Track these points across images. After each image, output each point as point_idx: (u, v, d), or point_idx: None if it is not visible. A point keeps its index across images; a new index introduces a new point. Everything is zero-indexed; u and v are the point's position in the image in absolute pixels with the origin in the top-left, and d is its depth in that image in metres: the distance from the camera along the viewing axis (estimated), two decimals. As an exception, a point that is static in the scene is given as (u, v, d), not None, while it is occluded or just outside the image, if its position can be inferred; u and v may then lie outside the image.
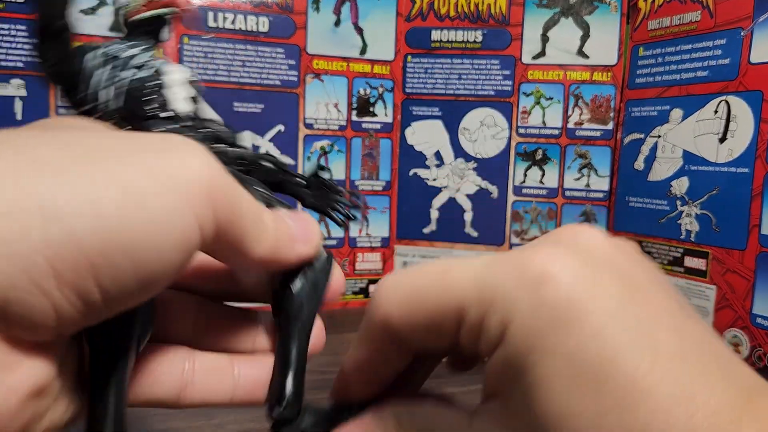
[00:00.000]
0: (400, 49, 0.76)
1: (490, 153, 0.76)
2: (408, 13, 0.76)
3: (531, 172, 0.75)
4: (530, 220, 0.76)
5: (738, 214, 0.59)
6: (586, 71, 0.73)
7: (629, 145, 0.71)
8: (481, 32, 0.75)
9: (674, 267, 0.65)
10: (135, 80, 0.25)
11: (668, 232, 0.66)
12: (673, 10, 0.66)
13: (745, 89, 0.59)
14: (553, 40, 0.73)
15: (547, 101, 0.74)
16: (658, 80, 0.68)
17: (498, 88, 0.75)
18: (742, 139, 0.59)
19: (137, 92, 0.25)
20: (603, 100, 0.73)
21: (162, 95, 0.25)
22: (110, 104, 0.24)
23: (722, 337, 0.60)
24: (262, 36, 0.71)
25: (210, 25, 0.69)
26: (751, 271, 0.58)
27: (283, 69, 0.72)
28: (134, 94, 0.24)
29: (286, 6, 0.72)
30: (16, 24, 0.62)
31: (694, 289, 0.63)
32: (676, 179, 0.65)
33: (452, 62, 0.76)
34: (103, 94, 0.24)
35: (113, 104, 0.24)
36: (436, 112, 0.77)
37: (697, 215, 0.63)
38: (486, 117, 0.76)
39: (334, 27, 0.74)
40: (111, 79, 0.24)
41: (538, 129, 0.75)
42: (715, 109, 0.61)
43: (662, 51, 0.67)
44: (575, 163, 0.74)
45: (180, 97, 0.26)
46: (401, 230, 0.78)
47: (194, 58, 0.69)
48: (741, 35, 0.59)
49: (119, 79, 0.24)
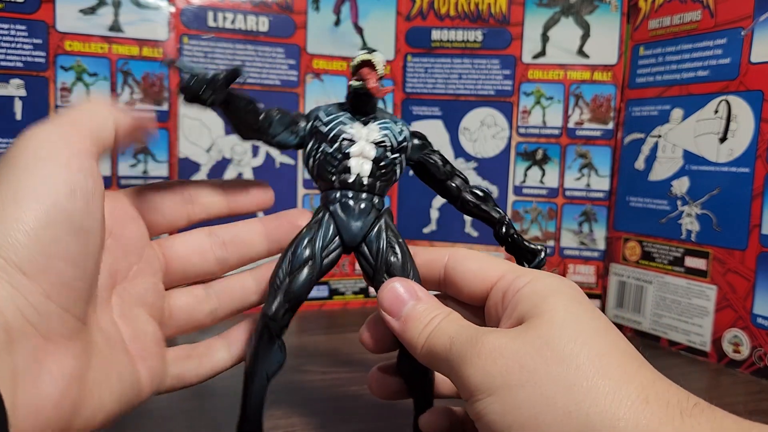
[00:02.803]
0: (400, 49, 0.76)
1: (491, 153, 0.76)
2: (408, 13, 0.76)
3: (531, 171, 0.75)
4: (530, 220, 0.76)
5: (739, 214, 0.59)
6: (586, 71, 0.73)
7: (630, 144, 0.71)
8: (482, 32, 0.75)
9: (675, 267, 0.65)
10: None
11: (669, 232, 0.66)
12: (674, 9, 0.66)
13: (745, 89, 0.59)
14: (553, 40, 0.73)
15: (548, 101, 0.74)
16: (659, 80, 0.68)
17: (498, 88, 0.75)
18: (743, 138, 0.59)
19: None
20: (603, 100, 0.73)
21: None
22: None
23: (723, 337, 0.60)
24: (262, 36, 0.71)
25: (210, 24, 0.69)
26: (751, 271, 0.58)
27: (283, 69, 0.72)
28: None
29: (286, 6, 0.71)
30: (16, 24, 0.62)
31: (695, 289, 0.63)
32: (677, 179, 0.65)
33: (452, 62, 0.76)
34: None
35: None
36: (436, 111, 0.77)
37: (698, 215, 0.63)
38: (486, 117, 0.76)
39: (334, 26, 0.74)
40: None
41: (539, 129, 0.75)
42: (716, 109, 0.61)
43: (663, 50, 0.67)
44: (576, 162, 0.74)
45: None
46: (401, 230, 0.78)
47: (194, 58, 0.69)
48: (741, 35, 0.59)
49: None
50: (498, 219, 0.34)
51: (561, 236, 0.75)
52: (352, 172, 0.31)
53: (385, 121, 0.32)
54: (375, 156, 0.32)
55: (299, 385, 0.50)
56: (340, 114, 0.32)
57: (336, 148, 0.31)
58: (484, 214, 0.34)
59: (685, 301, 0.64)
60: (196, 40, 0.69)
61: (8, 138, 0.63)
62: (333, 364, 0.55)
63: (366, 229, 0.32)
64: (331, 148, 0.31)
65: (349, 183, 0.31)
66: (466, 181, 0.35)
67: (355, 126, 0.32)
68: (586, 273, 0.74)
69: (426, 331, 0.28)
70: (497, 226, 0.34)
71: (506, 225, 0.34)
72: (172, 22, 0.68)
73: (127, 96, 0.67)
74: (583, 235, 0.75)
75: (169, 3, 0.67)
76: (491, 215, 0.34)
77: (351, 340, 0.58)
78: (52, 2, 0.63)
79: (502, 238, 0.34)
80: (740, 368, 0.59)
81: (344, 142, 0.31)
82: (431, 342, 0.27)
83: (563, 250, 0.75)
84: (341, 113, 0.32)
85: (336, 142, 0.31)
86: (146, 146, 0.68)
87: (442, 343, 0.27)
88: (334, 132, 0.31)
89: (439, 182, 0.34)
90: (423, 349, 0.28)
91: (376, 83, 0.30)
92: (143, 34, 0.67)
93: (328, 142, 0.31)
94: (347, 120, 0.32)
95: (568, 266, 0.75)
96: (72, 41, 0.64)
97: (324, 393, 0.49)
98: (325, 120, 0.32)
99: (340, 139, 0.31)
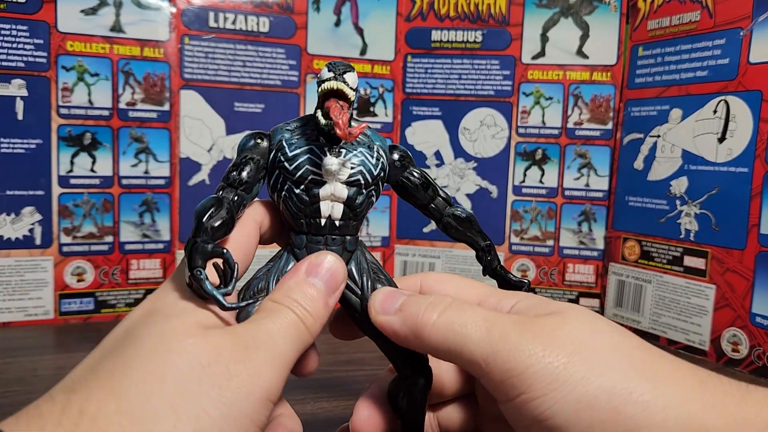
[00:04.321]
0: (400, 49, 0.76)
1: (490, 153, 0.76)
2: (408, 13, 0.76)
3: (531, 171, 0.76)
4: (530, 220, 0.76)
5: (737, 214, 0.59)
6: (585, 71, 0.73)
7: (629, 144, 0.71)
8: (481, 32, 0.75)
9: (674, 266, 0.65)
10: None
11: (668, 231, 0.66)
12: (673, 9, 0.66)
13: (744, 89, 0.59)
14: (552, 40, 0.74)
15: (547, 101, 0.74)
16: (658, 80, 0.68)
17: (498, 88, 0.75)
18: (742, 138, 0.59)
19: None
20: (602, 100, 0.73)
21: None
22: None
23: (722, 336, 0.60)
24: (263, 36, 0.71)
25: (211, 25, 0.69)
26: (750, 270, 0.58)
27: (283, 69, 0.72)
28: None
29: (286, 6, 0.72)
30: (16, 24, 0.62)
31: (694, 289, 0.63)
32: (676, 179, 0.65)
33: (452, 62, 0.76)
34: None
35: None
36: (436, 111, 0.77)
37: (697, 215, 0.63)
38: (486, 117, 0.76)
39: (334, 27, 0.74)
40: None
41: (538, 129, 0.75)
42: (715, 109, 0.61)
43: (662, 51, 0.67)
44: (575, 162, 0.75)
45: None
46: (401, 230, 0.78)
47: (195, 58, 0.69)
48: (740, 35, 0.59)
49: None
50: (482, 246, 0.32)
51: (560, 236, 0.75)
52: (322, 215, 0.28)
53: (360, 151, 0.28)
54: (347, 196, 0.28)
55: (300, 384, 0.50)
56: (305, 146, 0.27)
57: (303, 189, 0.27)
58: (467, 239, 0.32)
59: (684, 300, 0.64)
60: (197, 41, 0.69)
61: (10, 138, 0.63)
62: (334, 363, 0.55)
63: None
64: (297, 188, 0.27)
65: (321, 227, 0.28)
66: (449, 202, 0.32)
67: (324, 162, 0.27)
68: (585, 272, 0.75)
69: (437, 308, 0.25)
70: (481, 252, 0.32)
71: (491, 256, 0.32)
72: (173, 23, 0.68)
73: (128, 96, 0.67)
74: (583, 234, 0.75)
75: (170, 3, 0.68)
76: (476, 241, 0.32)
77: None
78: (54, 2, 0.63)
79: (485, 267, 0.32)
80: (739, 367, 0.59)
81: (311, 184, 0.27)
82: (448, 320, 0.25)
83: (562, 249, 0.75)
84: (306, 145, 0.27)
85: (303, 183, 0.27)
86: (147, 147, 0.68)
87: (474, 325, 0.24)
88: (300, 172, 0.27)
89: (422, 206, 0.32)
90: (436, 329, 0.25)
91: (345, 125, 0.25)
92: (144, 35, 0.67)
93: (294, 182, 0.27)
94: (313, 155, 0.27)
95: (567, 266, 0.75)
96: (73, 41, 0.64)
97: (326, 392, 0.49)
98: (289, 155, 0.27)
99: (307, 180, 0.27)
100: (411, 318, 0.26)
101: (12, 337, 0.61)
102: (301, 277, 0.27)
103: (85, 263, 0.67)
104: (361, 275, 0.29)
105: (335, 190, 0.28)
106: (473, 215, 0.32)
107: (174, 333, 0.22)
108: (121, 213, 0.68)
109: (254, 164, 0.27)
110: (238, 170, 0.27)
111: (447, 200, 0.32)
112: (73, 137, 0.65)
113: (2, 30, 0.62)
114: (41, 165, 0.64)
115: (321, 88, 0.26)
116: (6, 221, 0.63)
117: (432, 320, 0.25)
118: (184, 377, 0.21)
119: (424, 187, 0.32)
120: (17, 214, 0.64)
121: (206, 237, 0.24)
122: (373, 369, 0.54)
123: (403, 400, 0.30)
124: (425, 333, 0.25)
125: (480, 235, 0.32)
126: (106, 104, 0.66)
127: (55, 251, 0.65)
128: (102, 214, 0.67)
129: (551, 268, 0.76)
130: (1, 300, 0.64)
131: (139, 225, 0.69)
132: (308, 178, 0.27)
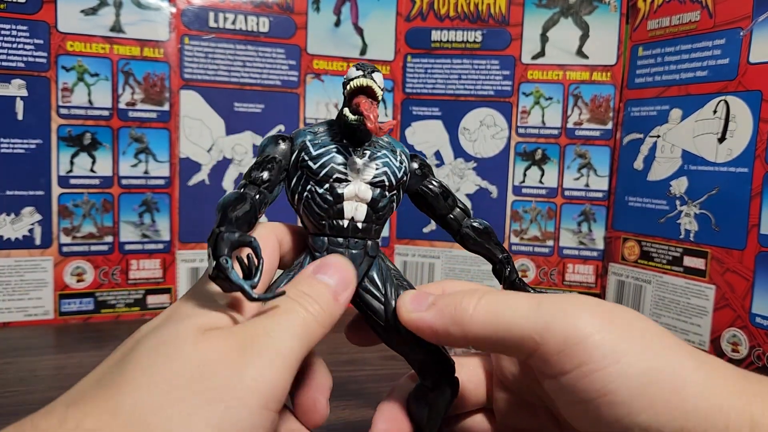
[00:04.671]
0: (400, 49, 0.76)
1: (490, 153, 0.76)
2: (408, 13, 0.76)
3: (530, 171, 0.76)
4: (530, 220, 0.76)
5: (737, 214, 0.59)
6: (585, 71, 0.73)
7: (628, 144, 0.71)
8: (481, 32, 0.75)
9: (673, 267, 0.65)
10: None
11: (668, 231, 0.66)
12: (673, 10, 0.66)
13: (744, 89, 0.59)
14: (552, 40, 0.74)
15: (547, 101, 0.74)
16: (658, 80, 0.68)
17: (498, 88, 0.75)
18: (742, 138, 0.59)
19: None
20: (602, 100, 0.73)
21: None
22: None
23: (721, 336, 0.60)
24: (263, 36, 0.71)
25: (211, 25, 0.69)
26: (750, 270, 0.58)
27: (283, 69, 0.72)
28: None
29: (286, 6, 0.72)
30: (17, 24, 0.62)
31: (694, 289, 0.63)
32: (676, 179, 0.65)
33: (452, 62, 0.76)
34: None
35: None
36: (436, 112, 0.77)
37: (697, 215, 0.63)
38: (486, 117, 0.76)
39: (334, 27, 0.74)
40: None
41: (538, 129, 0.75)
42: (715, 109, 0.61)
43: (662, 51, 0.67)
44: (575, 162, 0.75)
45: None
46: (401, 230, 0.78)
47: (195, 58, 0.69)
48: (740, 35, 0.59)
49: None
50: (501, 259, 0.32)
51: (560, 236, 0.75)
52: (345, 216, 0.27)
53: (384, 153, 0.28)
54: (371, 198, 0.28)
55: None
56: (330, 145, 0.27)
57: (327, 188, 0.27)
58: (485, 251, 0.32)
59: (683, 300, 0.64)
60: (197, 41, 0.69)
61: (9, 138, 0.63)
62: (334, 363, 0.55)
63: (357, 280, 0.28)
64: (321, 188, 0.27)
65: (343, 229, 0.28)
66: (468, 214, 0.32)
67: (349, 162, 0.27)
68: (585, 273, 0.75)
69: (475, 295, 0.25)
70: (498, 265, 0.32)
71: (510, 268, 0.32)
72: (173, 23, 0.68)
73: (128, 96, 0.67)
74: (582, 234, 0.75)
75: (170, 3, 0.68)
76: (494, 253, 0.32)
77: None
78: (54, 3, 0.63)
79: (504, 279, 0.32)
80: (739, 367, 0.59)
81: (336, 183, 0.27)
82: (491, 302, 0.24)
83: (562, 249, 0.75)
84: (331, 144, 0.27)
85: (327, 182, 0.27)
86: (147, 147, 0.68)
87: (520, 302, 0.23)
88: (326, 170, 0.27)
89: (440, 216, 0.32)
90: (478, 312, 0.24)
91: (376, 120, 0.25)
92: (144, 35, 0.67)
93: (318, 181, 0.27)
94: (339, 154, 0.27)
95: (567, 266, 0.75)
96: (73, 41, 0.64)
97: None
98: (314, 154, 0.27)
99: (332, 179, 0.27)
100: (448, 308, 0.25)
101: (12, 338, 0.61)
102: (308, 274, 0.26)
103: (84, 263, 0.67)
104: (384, 282, 0.29)
105: (359, 190, 0.27)
106: (491, 227, 0.32)
107: (174, 340, 0.22)
108: (120, 213, 0.68)
109: (276, 164, 0.27)
110: (261, 169, 0.27)
111: (465, 211, 0.32)
112: (73, 137, 0.65)
113: (2, 30, 0.62)
114: (41, 165, 0.64)
115: (350, 85, 0.26)
116: (6, 221, 0.63)
117: (473, 305, 0.24)
118: (179, 389, 0.20)
119: (444, 197, 0.31)
120: (17, 214, 0.64)
121: (231, 227, 0.24)
122: (374, 369, 0.54)
123: (424, 410, 0.29)
124: (466, 319, 0.24)
125: (498, 247, 0.32)
126: (106, 104, 0.66)
127: (54, 251, 0.65)
128: (102, 214, 0.67)
129: (551, 269, 0.76)
130: (0, 300, 0.64)
131: (139, 225, 0.69)
132: (333, 176, 0.27)
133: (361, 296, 0.29)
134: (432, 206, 0.31)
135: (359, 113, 0.26)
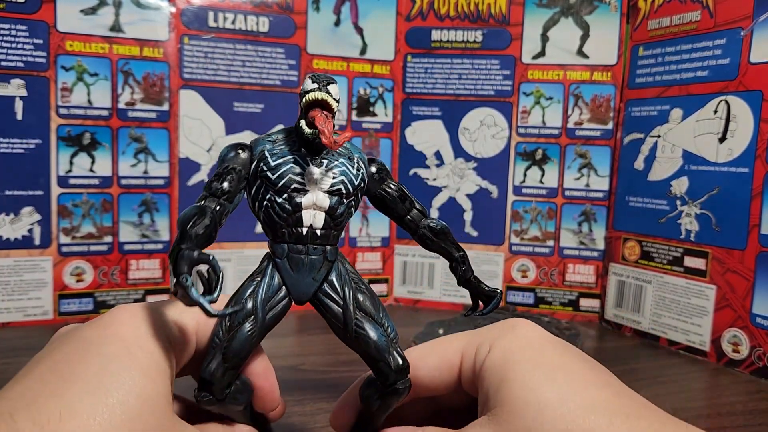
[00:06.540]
0: (400, 49, 0.76)
1: (490, 153, 0.76)
2: (408, 13, 0.76)
3: (531, 171, 0.75)
4: (530, 220, 0.76)
5: (738, 214, 0.59)
6: (586, 71, 0.73)
7: (629, 144, 0.71)
8: (481, 32, 0.75)
9: (674, 267, 0.65)
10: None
11: (668, 231, 0.66)
12: (673, 9, 0.66)
13: (744, 89, 0.59)
14: (553, 40, 0.73)
15: (547, 101, 0.74)
16: (658, 80, 0.68)
17: (498, 88, 0.75)
18: (742, 138, 0.59)
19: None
20: (603, 100, 0.73)
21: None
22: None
23: (722, 336, 0.60)
24: (262, 36, 0.71)
25: (210, 25, 0.69)
26: (751, 270, 0.58)
27: (283, 69, 0.72)
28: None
29: (286, 6, 0.72)
30: (17, 24, 0.62)
31: (694, 289, 0.63)
32: (676, 179, 0.65)
33: (452, 62, 0.76)
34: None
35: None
36: (436, 111, 0.77)
37: (697, 215, 0.63)
38: (486, 117, 0.76)
39: (334, 27, 0.74)
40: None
41: (538, 129, 0.75)
42: (715, 109, 0.61)
43: (662, 51, 0.67)
44: (575, 162, 0.74)
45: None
46: (401, 230, 0.78)
47: (194, 58, 0.69)
48: (741, 35, 0.59)
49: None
50: (456, 257, 0.33)
51: (560, 236, 0.75)
52: (304, 224, 0.29)
53: (341, 161, 0.29)
54: (329, 205, 0.29)
55: (299, 384, 0.50)
56: (288, 155, 0.28)
57: (285, 198, 0.28)
58: (442, 250, 0.33)
59: (684, 300, 0.64)
60: (197, 40, 0.69)
61: (9, 138, 0.63)
62: (332, 364, 0.55)
63: (317, 284, 0.30)
64: (279, 198, 0.28)
65: (302, 237, 0.29)
66: (425, 215, 0.33)
67: (306, 172, 0.28)
68: (586, 273, 0.75)
69: None
70: (455, 263, 0.33)
71: (466, 266, 0.33)
72: (173, 23, 0.68)
73: (127, 96, 0.67)
74: (583, 234, 0.75)
75: (169, 3, 0.67)
76: (450, 252, 0.33)
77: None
78: (53, 2, 0.63)
79: (459, 277, 0.33)
80: (739, 368, 0.59)
81: (294, 193, 0.28)
82: None
83: (563, 249, 0.75)
84: (289, 155, 0.28)
85: (285, 192, 0.28)
86: (146, 147, 0.68)
87: None
88: (284, 181, 0.28)
89: (399, 218, 0.33)
90: None
91: (330, 134, 0.26)
92: (144, 35, 0.67)
93: (276, 191, 0.28)
94: (296, 164, 0.28)
95: (567, 266, 0.75)
96: (73, 41, 0.64)
97: (324, 392, 0.49)
98: (272, 164, 0.28)
99: (290, 189, 0.28)
100: None
101: (11, 338, 0.61)
102: None
103: (84, 263, 0.67)
104: (342, 285, 0.30)
105: (317, 199, 0.28)
106: (447, 227, 0.33)
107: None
108: (120, 213, 0.68)
109: (236, 174, 0.28)
110: (220, 180, 0.28)
111: (422, 212, 0.33)
112: (73, 137, 0.65)
113: (2, 30, 0.61)
114: (40, 165, 0.64)
115: (305, 98, 0.27)
116: (5, 221, 0.63)
117: None
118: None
119: (401, 199, 0.32)
120: (16, 214, 0.64)
121: (191, 244, 0.25)
122: (373, 369, 0.54)
123: (376, 402, 0.31)
124: None
125: (454, 246, 0.33)
126: (106, 104, 0.66)
127: (54, 251, 0.65)
128: (101, 214, 0.67)
129: (551, 269, 0.75)
130: (0, 300, 0.64)
131: (139, 225, 0.69)
132: (291, 186, 0.28)
133: (321, 300, 0.30)
134: (390, 208, 0.33)
135: (314, 127, 0.26)
